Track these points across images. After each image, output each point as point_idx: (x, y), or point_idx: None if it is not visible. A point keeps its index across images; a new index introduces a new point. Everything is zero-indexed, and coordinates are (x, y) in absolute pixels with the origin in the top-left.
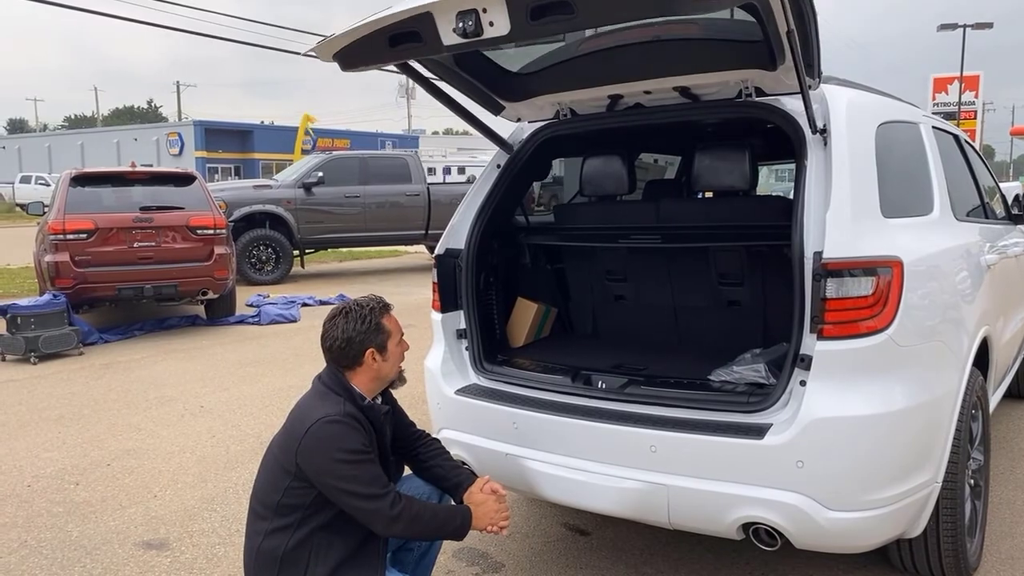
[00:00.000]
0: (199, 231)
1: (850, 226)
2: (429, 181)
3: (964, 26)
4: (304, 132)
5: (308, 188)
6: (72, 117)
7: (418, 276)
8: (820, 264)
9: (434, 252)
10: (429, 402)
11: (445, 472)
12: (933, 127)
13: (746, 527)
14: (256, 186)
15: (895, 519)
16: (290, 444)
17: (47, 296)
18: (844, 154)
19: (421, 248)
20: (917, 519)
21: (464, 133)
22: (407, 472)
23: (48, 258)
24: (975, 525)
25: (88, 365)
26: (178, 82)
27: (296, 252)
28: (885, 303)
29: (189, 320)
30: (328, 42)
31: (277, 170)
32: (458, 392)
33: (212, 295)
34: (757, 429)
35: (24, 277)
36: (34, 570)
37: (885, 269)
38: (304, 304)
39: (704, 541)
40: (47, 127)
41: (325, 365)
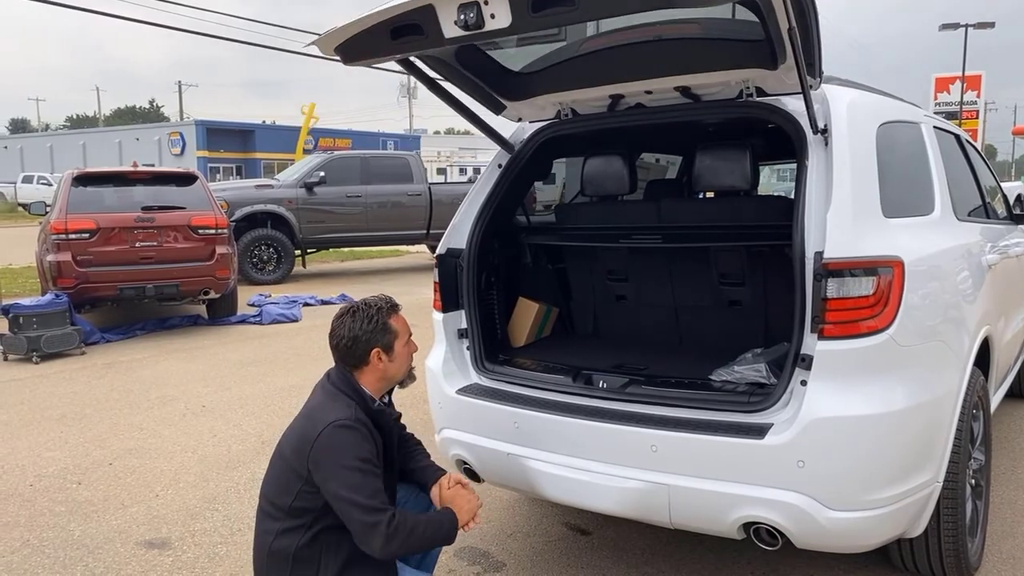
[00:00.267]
0: (201, 231)
1: (851, 226)
2: (439, 181)
3: (966, 26)
4: (311, 116)
5: (310, 188)
6: (74, 117)
7: (419, 276)
8: (821, 264)
9: (435, 252)
10: (430, 402)
11: (414, 467)
12: (934, 127)
13: (747, 527)
14: (258, 186)
15: (896, 519)
16: (302, 447)
17: (49, 296)
18: (845, 154)
19: (422, 248)
20: (918, 519)
21: (465, 133)
22: None
23: (50, 258)
24: (976, 525)
25: (90, 365)
26: (180, 82)
27: (298, 252)
28: (886, 303)
29: (191, 320)
30: (330, 35)
31: (279, 170)
32: (459, 392)
33: (214, 295)
34: (758, 429)
35: (26, 277)
36: (36, 569)
37: (886, 269)
38: (306, 304)
39: (705, 541)
40: (49, 127)
41: (333, 363)
